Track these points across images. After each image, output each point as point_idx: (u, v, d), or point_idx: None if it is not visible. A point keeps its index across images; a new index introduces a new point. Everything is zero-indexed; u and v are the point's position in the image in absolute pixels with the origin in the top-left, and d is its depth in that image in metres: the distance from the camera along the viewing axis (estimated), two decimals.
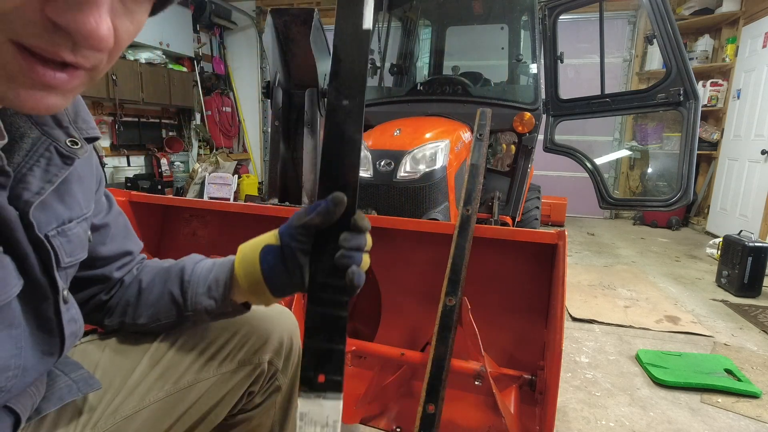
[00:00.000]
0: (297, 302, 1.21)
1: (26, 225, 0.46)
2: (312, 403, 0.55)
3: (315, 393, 0.55)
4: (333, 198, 0.52)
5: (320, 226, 0.55)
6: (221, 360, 0.69)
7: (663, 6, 2.00)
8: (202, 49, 5.80)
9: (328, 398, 0.55)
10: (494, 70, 3.38)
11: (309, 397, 0.55)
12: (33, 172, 0.47)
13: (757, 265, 2.68)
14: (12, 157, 0.46)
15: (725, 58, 4.49)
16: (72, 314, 0.54)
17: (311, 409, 0.55)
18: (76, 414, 0.61)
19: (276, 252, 0.58)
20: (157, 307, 0.66)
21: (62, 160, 0.50)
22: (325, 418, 0.55)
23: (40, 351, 0.50)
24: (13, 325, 0.46)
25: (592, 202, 2.53)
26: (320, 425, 0.55)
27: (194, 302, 0.64)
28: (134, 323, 0.67)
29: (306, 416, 0.55)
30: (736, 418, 1.52)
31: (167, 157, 5.40)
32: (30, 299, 0.48)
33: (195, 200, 1.57)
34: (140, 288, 0.68)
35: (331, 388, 0.55)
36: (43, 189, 0.48)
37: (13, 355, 0.46)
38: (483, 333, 1.09)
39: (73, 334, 0.54)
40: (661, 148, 4.98)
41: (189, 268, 0.66)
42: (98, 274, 0.66)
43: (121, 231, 0.69)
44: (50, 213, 0.51)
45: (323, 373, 0.55)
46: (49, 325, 0.51)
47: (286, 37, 2.27)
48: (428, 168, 1.87)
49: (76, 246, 0.55)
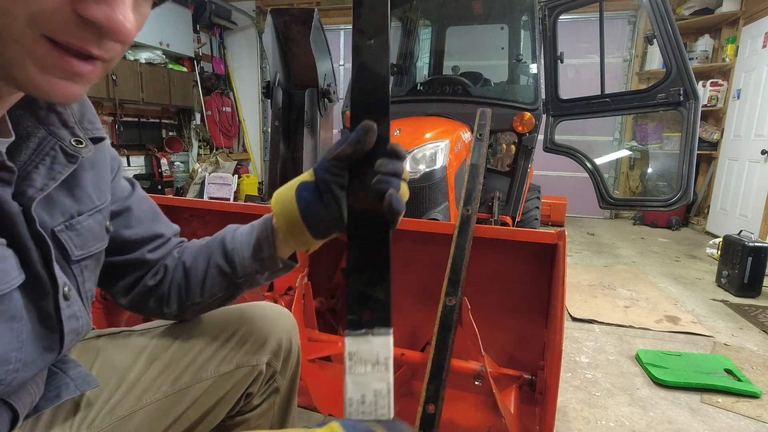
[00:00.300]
0: (297, 302, 1.21)
1: (28, 220, 0.47)
2: (359, 341, 0.51)
3: (362, 330, 0.51)
4: (363, 126, 0.51)
5: (353, 156, 0.54)
6: (219, 361, 0.69)
7: (663, 6, 2.00)
8: (202, 49, 5.80)
9: (377, 334, 0.51)
10: (494, 70, 3.37)
11: (356, 335, 0.51)
12: (38, 169, 0.48)
13: (757, 265, 2.68)
14: (18, 155, 0.47)
15: (725, 58, 4.49)
16: (73, 311, 0.54)
17: (360, 347, 0.51)
18: (72, 412, 0.61)
19: (311, 187, 0.57)
20: (208, 282, 0.66)
21: (67, 159, 0.51)
22: (375, 355, 0.51)
23: (41, 346, 0.50)
24: (15, 318, 0.46)
25: (592, 202, 2.53)
26: (371, 363, 0.51)
27: (243, 267, 0.64)
28: (192, 304, 0.68)
29: (354, 355, 0.51)
30: (736, 418, 1.52)
31: (167, 157, 5.40)
32: (31, 293, 0.48)
33: (195, 200, 1.57)
34: (185, 269, 0.67)
35: (379, 323, 0.51)
36: (46, 185, 0.49)
37: (14, 348, 0.46)
38: (483, 333, 1.09)
39: (73, 331, 0.54)
40: (661, 148, 4.98)
41: (229, 237, 0.66)
42: (131, 259, 0.66)
43: (147, 214, 0.69)
44: (57, 208, 0.52)
45: (369, 309, 0.52)
46: (50, 320, 0.51)
47: (286, 37, 2.27)
48: (428, 168, 1.87)
49: (88, 238, 0.56)
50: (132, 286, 0.68)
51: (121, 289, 0.68)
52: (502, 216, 2.36)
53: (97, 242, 0.58)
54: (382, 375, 0.51)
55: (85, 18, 0.36)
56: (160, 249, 0.69)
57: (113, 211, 0.64)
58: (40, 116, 0.50)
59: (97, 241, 0.58)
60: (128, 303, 0.69)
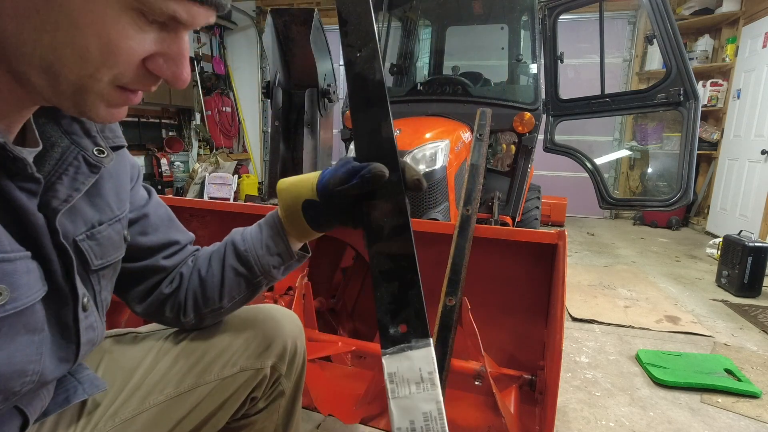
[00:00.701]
0: (297, 302, 1.21)
1: (52, 231, 0.47)
2: (398, 359, 0.47)
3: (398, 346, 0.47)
4: (373, 171, 0.51)
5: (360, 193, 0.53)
6: (223, 364, 0.68)
7: (663, 6, 2.00)
8: (202, 49, 5.80)
9: (416, 347, 0.47)
10: (494, 70, 3.37)
11: (392, 354, 0.47)
12: (61, 180, 0.49)
13: (757, 265, 2.68)
14: (43, 165, 0.48)
15: (725, 58, 4.49)
16: (90, 321, 0.54)
17: (399, 366, 0.46)
18: (76, 415, 0.61)
19: (317, 208, 0.60)
20: (226, 287, 0.66)
21: (89, 169, 0.52)
22: (418, 371, 0.46)
23: (57, 357, 0.50)
24: (36, 330, 0.46)
25: (592, 202, 2.53)
26: (414, 382, 0.46)
27: (261, 266, 0.65)
28: (211, 310, 0.68)
29: (395, 376, 0.46)
30: (736, 418, 1.52)
31: (167, 157, 5.40)
32: (52, 305, 0.48)
33: (195, 200, 1.57)
34: (201, 277, 0.67)
35: (415, 334, 0.47)
36: (70, 197, 0.49)
37: (33, 360, 0.46)
38: (483, 333, 1.09)
39: (89, 342, 0.54)
40: (661, 148, 4.98)
41: (239, 239, 0.67)
42: (146, 266, 0.66)
43: (163, 221, 0.69)
44: (79, 218, 0.52)
45: (402, 322, 0.48)
46: (68, 331, 0.51)
47: (286, 37, 2.27)
48: (428, 168, 1.87)
49: (108, 248, 0.56)
50: (147, 294, 0.68)
51: (136, 297, 0.68)
52: (502, 216, 2.36)
53: (115, 252, 0.58)
54: (429, 394, 0.46)
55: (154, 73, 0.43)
56: (176, 256, 0.69)
57: (131, 219, 0.64)
58: (64, 125, 0.51)
59: (115, 250, 0.58)
60: (143, 311, 0.69)
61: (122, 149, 0.61)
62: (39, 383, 0.48)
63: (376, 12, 2.75)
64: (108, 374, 0.66)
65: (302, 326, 0.78)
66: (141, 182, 0.68)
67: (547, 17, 2.39)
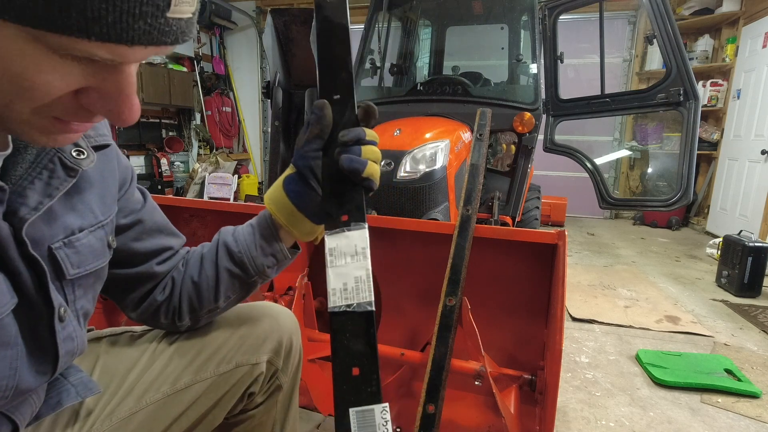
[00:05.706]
0: (297, 302, 1.21)
1: (19, 242, 0.45)
2: (338, 237, 0.56)
3: (339, 228, 0.57)
4: (316, 105, 0.57)
5: (322, 135, 0.58)
6: (219, 361, 0.68)
7: (663, 6, 2.00)
8: (202, 49, 5.80)
9: (354, 229, 0.57)
10: (494, 70, 3.37)
11: (335, 233, 0.57)
12: (34, 185, 0.46)
13: (757, 265, 2.68)
14: (15, 168, 0.45)
15: (725, 58, 4.49)
16: (69, 332, 0.52)
17: (338, 243, 0.56)
18: (72, 417, 0.61)
19: (295, 178, 0.61)
20: (221, 289, 0.66)
21: (66, 172, 0.49)
22: (354, 247, 0.56)
23: (34, 371, 0.48)
24: (9, 344, 0.44)
25: (592, 202, 2.53)
26: (349, 255, 0.56)
27: (255, 266, 0.65)
28: (207, 311, 0.68)
29: (335, 251, 0.56)
30: (736, 418, 1.52)
31: (167, 157, 5.40)
32: (24, 318, 0.46)
33: (195, 200, 1.57)
34: (194, 281, 0.67)
35: (354, 221, 0.57)
36: (41, 204, 0.46)
37: (6, 376, 0.44)
38: (483, 333, 1.09)
39: (68, 353, 0.52)
40: (661, 148, 4.98)
41: (231, 241, 0.67)
42: (140, 272, 0.66)
43: (157, 227, 0.68)
44: (57, 223, 0.50)
45: (345, 213, 0.57)
46: (44, 344, 0.49)
47: (286, 37, 2.27)
48: (428, 168, 1.87)
49: (86, 256, 0.53)
50: (141, 301, 0.67)
51: (130, 303, 0.68)
52: (502, 216, 2.36)
53: (96, 260, 0.55)
54: (361, 263, 0.56)
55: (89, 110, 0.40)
56: (169, 261, 0.69)
57: (125, 224, 0.63)
58: None
59: (96, 258, 0.55)
60: (138, 317, 0.69)
61: (107, 149, 0.58)
62: (14, 397, 0.46)
63: (376, 12, 2.75)
64: (104, 376, 0.66)
65: (298, 322, 0.78)
66: (135, 184, 0.67)
67: (547, 17, 2.39)
